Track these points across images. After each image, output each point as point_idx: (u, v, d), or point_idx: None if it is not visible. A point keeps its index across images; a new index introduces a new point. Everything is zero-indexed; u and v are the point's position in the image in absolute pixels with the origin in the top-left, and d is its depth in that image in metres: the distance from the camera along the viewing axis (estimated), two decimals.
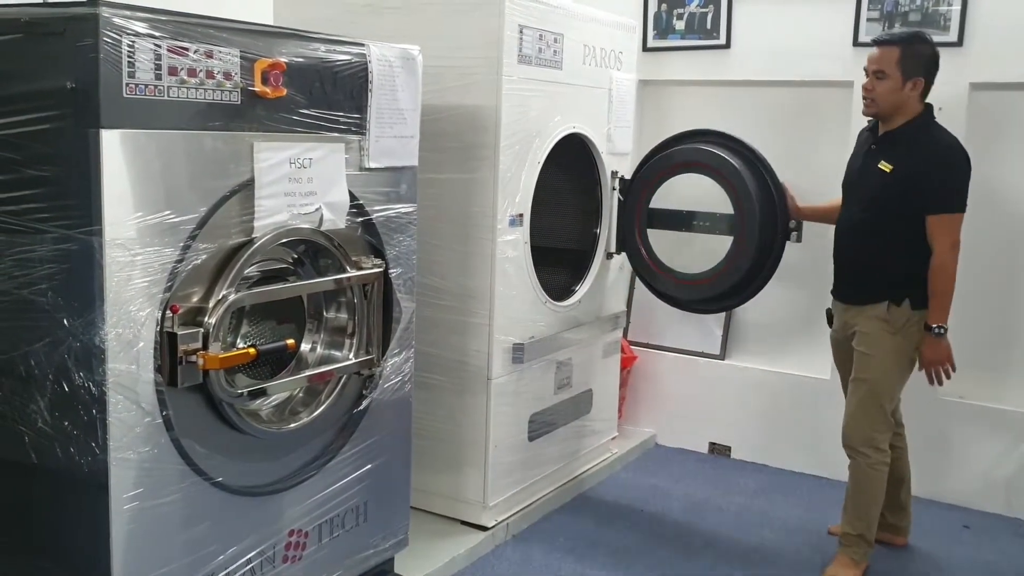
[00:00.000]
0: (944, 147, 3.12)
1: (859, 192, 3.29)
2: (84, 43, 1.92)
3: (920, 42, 3.16)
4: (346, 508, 2.76)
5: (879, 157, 3.19)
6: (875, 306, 3.21)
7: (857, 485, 3.30)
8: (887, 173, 3.15)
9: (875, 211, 3.20)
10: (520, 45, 3.28)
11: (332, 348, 2.72)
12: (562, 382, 3.85)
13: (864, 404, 3.25)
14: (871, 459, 3.25)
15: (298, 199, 2.42)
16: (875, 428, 3.25)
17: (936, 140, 3.14)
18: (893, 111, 3.17)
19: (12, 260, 2.09)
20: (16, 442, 2.16)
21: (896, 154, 3.15)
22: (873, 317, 3.22)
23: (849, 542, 3.34)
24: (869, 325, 3.23)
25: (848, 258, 3.33)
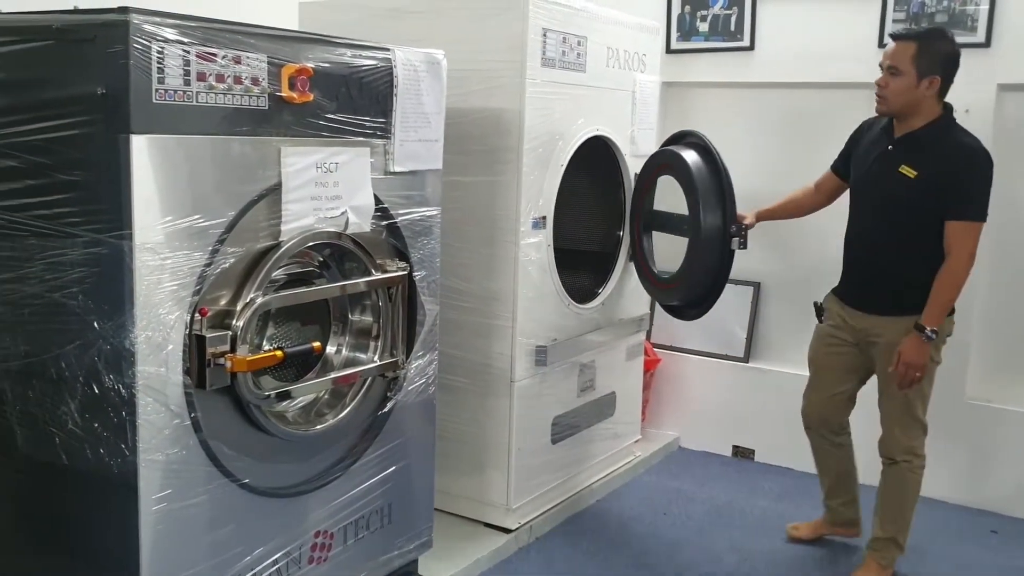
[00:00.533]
0: (970, 152, 3.01)
1: (879, 198, 3.17)
2: (114, 49, 1.94)
3: (939, 39, 3.05)
4: (371, 510, 2.77)
5: (899, 161, 3.08)
6: (904, 318, 3.10)
7: (896, 489, 3.26)
8: (911, 179, 3.04)
9: (901, 219, 3.11)
10: (544, 48, 3.28)
11: (357, 350, 2.74)
12: (585, 385, 3.86)
13: (902, 418, 3.21)
14: (912, 464, 3.23)
15: (324, 203, 2.44)
16: (914, 438, 3.23)
17: (961, 144, 3.03)
18: (906, 110, 3.06)
19: (44, 263, 2.11)
20: (47, 443, 2.19)
21: (919, 158, 3.05)
22: (899, 330, 3.12)
23: (879, 546, 3.32)
24: (894, 337, 3.14)
25: (873, 267, 3.22)
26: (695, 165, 3.51)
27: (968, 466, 4.03)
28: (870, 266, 3.24)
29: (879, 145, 3.19)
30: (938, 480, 4.04)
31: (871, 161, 3.21)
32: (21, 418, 2.23)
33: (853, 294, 3.30)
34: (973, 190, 3.01)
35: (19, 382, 2.21)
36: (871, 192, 3.21)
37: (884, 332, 3.19)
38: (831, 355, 3.38)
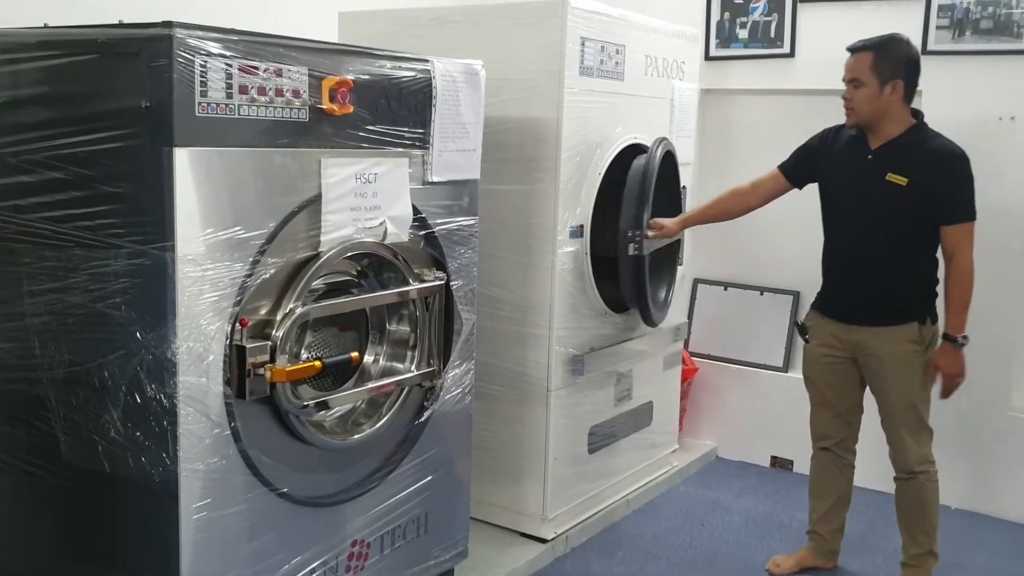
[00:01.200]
0: (955, 156, 3.05)
1: (868, 208, 3.12)
2: (158, 63, 1.97)
3: (896, 44, 3.06)
4: (407, 519, 2.78)
5: (884, 170, 3.06)
6: (906, 327, 3.11)
7: (920, 502, 3.22)
8: (903, 187, 3.03)
9: (893, 227, 3.09)
10: (582, 57, 3.28)
11: (394, 360, 2.75)
12: (622, 394, 3.84)
13: (912, 427, 3.18)
14: (930, 473, 3.20)
15: (363, 213, 2.45)
16: (926, 444, 3.21)
17: (944, 149, 3.07)
18: (875, 119, 3.07)
19: (88, 274, 2.14)
20: (90, 451, 2.21)
21: (906, 166, 3.04)
22: (900, 339, 3.12)
23: (917, 561, 3.27)
24: (895, 347, 3.13)
25: (863, 278, 3.17)
26: (633, 172, 3.50)
27: (1006, 478, 3.96)
28: (863, 278, 3.18)
29: (856, 155, 3.16)
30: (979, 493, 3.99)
31: (850, 172, 3.18)
32: (65, 426, 2.26)
33: (843, 308, 3.24)
34: (964, 192, 3.06)
35: (63, 390, 2.24)
36: (858, 203, 3.16)
37: (882, 343, 3.15)
38: (829, 373, 3.32)
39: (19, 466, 2.38)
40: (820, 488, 3.46)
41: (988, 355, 3.78)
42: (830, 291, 3.30)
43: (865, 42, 3.11)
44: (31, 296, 2.24)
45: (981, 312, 3.27)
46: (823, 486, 3.45)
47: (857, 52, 3.08)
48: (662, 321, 3.84)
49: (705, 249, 4.56)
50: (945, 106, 3.89)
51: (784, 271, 4.42)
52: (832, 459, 3.41)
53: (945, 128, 3.84)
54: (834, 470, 3.41)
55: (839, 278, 3.27)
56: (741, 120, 4.52)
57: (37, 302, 2.24)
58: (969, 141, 3.80)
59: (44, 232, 2.19)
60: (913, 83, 3.08)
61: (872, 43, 3.08)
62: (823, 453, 3.42)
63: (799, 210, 4.27)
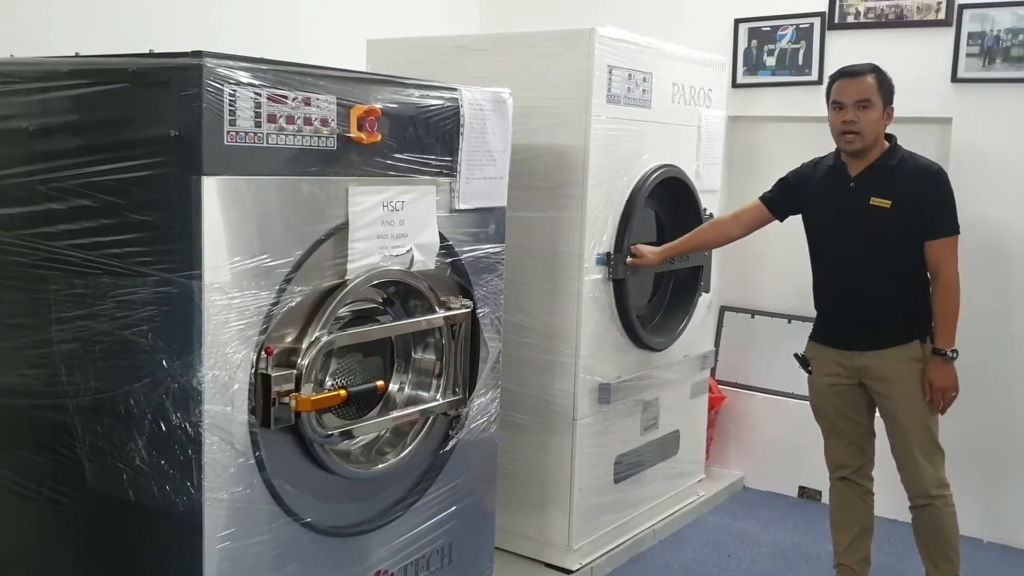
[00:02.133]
0: (934, 172, 3.09)
1: (857, 234, 3.13)
2: (188, 92, 1.98)
3: (884, 71, 3.13)
4: (432, 549, 2.75)
5: (867, 195, 3.08)
6: (906, 347, 3.12)
7: (940, 529, 3.18)
8: (887, 209, 3.05)
9: (884, 250, 3.10)
10: (609, 85, 3.27)
11: (419, 388, 2.74)
12: (649, 423, 3.80)
13: (925, 449, 3.15)
14: (946, 498, 3.17)
15: (390, 241, 2.45)
16: (938, 466, 3.17)
17: (923, 166, 3.10)
18: (873, 143, 3.09)
19: (115, 301, 2.14)
20: (115, 479, 2.21)
21: (888, 189, 3.07)
22: (905, 359, 3.12)
23: None
24: (901, 368, 3.12)
25: (862, 304, 3.16)
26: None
27: None
28: (859, 303, 3.18)
29: (837, 184, 3.17)
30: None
31: (837, 204, 3.17)
32: (90, 453, 2.25)
33: (844, 336, 3.23)
34: (945, 207, 3.07)
35: (89, 417, 2.24)
36: (844, 231, 3.16)
37: (886, 366, 3.15)
38: (838, 401, 3.29)
39: (44, 493, 2.38)
40: (842, 519, 3.41)
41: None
42: (827, 320, 3.30)
43: (865, 66, 3.13)
44: (58, 323, 2.25)
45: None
46: (845, 517, 3.40)
47: (863, 75, 3.08)
48: (666, 347, 3.79)
49: (732, 277, 4.53)
50: (975, 134, 3.86)
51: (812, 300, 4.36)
52: (851, 488, 3.37)
53: (976, 157, 3.83)
54: (854, 499, 3.37)
55: (835, 306, 3.26)
56: (768, 147, 4.49)
57: (64, 329, 2.24)
58: (1000, 168, 3.78)
59: (72, 259, 2.20)
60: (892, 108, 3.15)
61: (871, 67, 3.12)
62: (842, 483, 3.39)
63: None
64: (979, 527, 3.98)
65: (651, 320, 3.83)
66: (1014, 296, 3.85)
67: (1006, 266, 3.85)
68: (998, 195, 3.78)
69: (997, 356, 3.89)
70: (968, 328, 3.43)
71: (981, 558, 3.83)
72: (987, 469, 3.95)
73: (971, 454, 3.88)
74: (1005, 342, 3.87)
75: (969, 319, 3.39)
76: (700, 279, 3.95)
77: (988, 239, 3.56)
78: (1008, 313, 3.87)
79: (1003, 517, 3.97)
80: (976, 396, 3.88)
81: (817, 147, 4.33)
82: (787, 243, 4.45)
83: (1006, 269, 3.85)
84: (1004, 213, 3.81)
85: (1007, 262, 3.85)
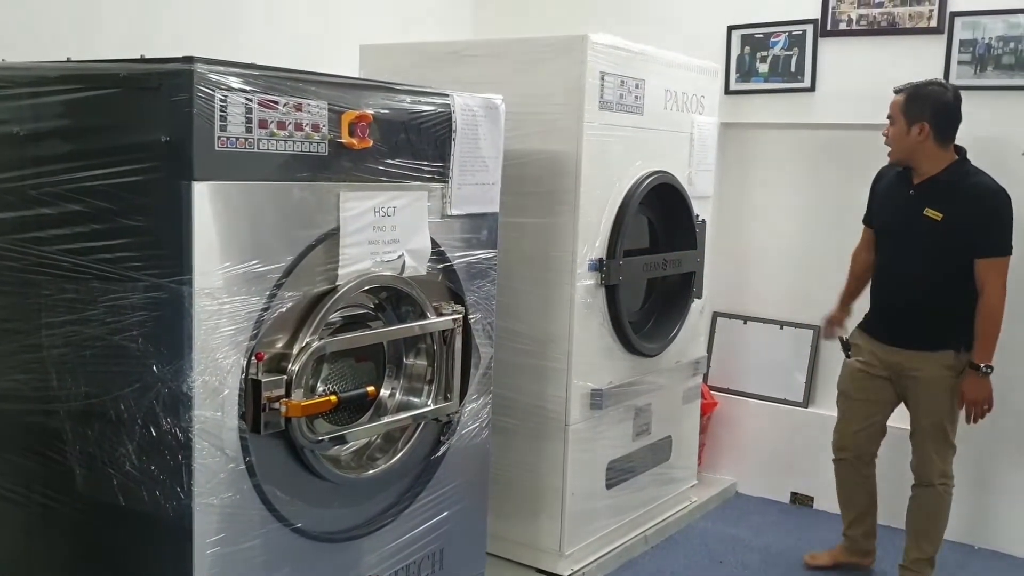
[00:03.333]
0: (990, 192, 3.22)
1: (907, 240, 3.34)
2: (179, 98, 1.97)
3: (926, 88, 3.27)
4: (423, 555, 2.75)
5: (922, 205, 3.27)
6: (942, 353, 3.31)
7: (933, 511, 3.43)
8: (938, 221, 3.23)
9: (931, 259, 3.29)
10: (602, 91, 3.28)
11: (411, 394, 2.73)
12: (641, 429, 3.80)
13: (938, 444, 3.38)
14: (948, 487, 3.41)
15: (381, 247, 2.45)
16: (948, 461, 3.42)
17: (980, 185, 3.24)
18: (907, 155, 3.29)
19: (106, 307, 2.14)
20: (105, 484, 2.20)
21: (942, 201, 3.24)
22: (938, 364, 3.32)
23: (917, 566, 3.46)
24: (934, 371, 3.32)
25: (905, 306, 3.38)
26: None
27: None
28: (903, 304, 3.39)
29: (900, 191, 3.39)
30: None
31: (895, 207, 3.42)
32: (80, 458, 2.25)
33: (886, 331, 3.45)
34: (996, 227, 3.24)
35: (79, 423, 2.24)
36: (899, 236, 3.38)
37: (921, 366, 3.35)
38: (863, 388, 3.52)
39: (35, 498, 2.37)
40: (845, 499, 3.70)
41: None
42: (875, 314, 3.53)
43: (904, 85, 3.35)
44: (49, 328, 2.25)
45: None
46: (847, 497, 3.68)
47: (897, 93, 3.33)
48: (658, 353, 3.80)
49: (724, 282, 4.54)
50: (967, 141, 3.85)
51: (804, 306, 4.38)
52: (850, 470, 3.63)
53: None
54: (855, 480, 3.63)
55: (882, 302, 3.50)
56: (761, 154, 4.50)
57: (55, 334, 2.24)
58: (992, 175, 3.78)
59: (63, 264, 2.19)
60: (943, 126, 3.26)
61: (907, 86, 3.33)
62: (842, 464, 3.65)
63: (819, 245, 4.27)
64: (970, 533, 3.99)
65: (643, 326, 3.83)
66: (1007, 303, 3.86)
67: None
68: None
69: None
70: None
71: (972, 564, 3.84)
72: (977, 476, 3.95)
73: (962, 461, 3.89)
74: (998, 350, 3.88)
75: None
76: (692, 285, 3.96)
77: None
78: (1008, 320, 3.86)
79: (993, 523, 3.98)
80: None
81: (809, 154, 4.38)
82: (779, 249, 4.49)
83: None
84: None
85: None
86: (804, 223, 4.38)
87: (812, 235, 4.36)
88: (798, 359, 4.46)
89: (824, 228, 4.31)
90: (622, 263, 3.47)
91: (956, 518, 3.61)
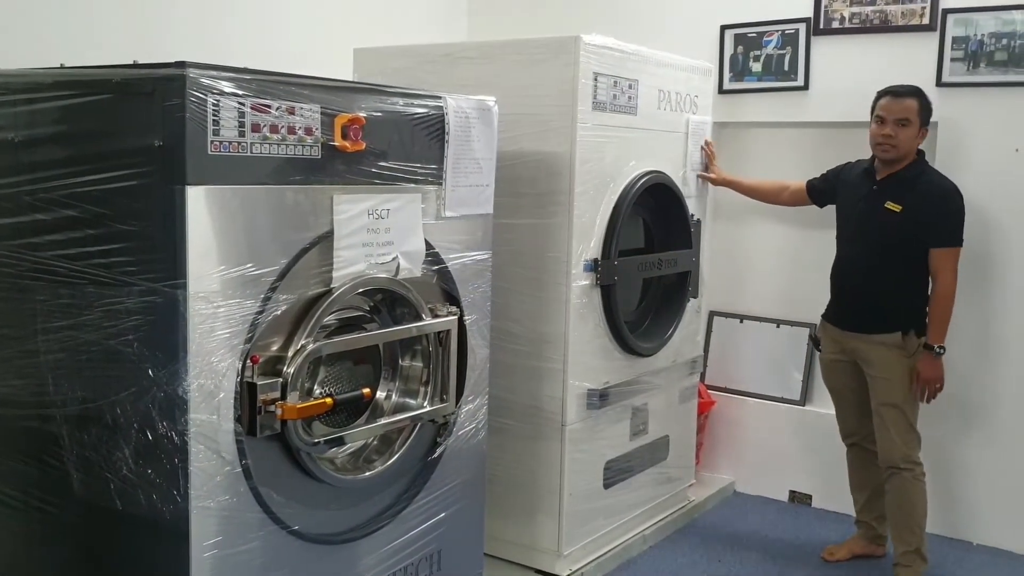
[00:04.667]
0: (946, 188, 3.43)
1: (866, 230, 3.53)
2: (171, 103, 1.98)
3: (920, 91, 3.47)
4: (420, 556, 2.76)
5: (884, 198, 3.46)
6: (889, 335, 3.47)
7: (904, 500, 3.50)
8: (896, 213, 3.42)
9: (886, 248, 3.46)
10: (595, 92, 3.29)
11: (407, 396, 2.74)
12: (638, 428, 3.81)
13: (898, 425, 3.49)
14: (914, 471, 3.50)
15: (376, 249, 2.46)
16: (910, 445, 3.51)
17: (937, 182, 3.46)
18: (905, 156, 3.46)
19: (101, 311, 2.15)
20: (102, 488, 2.21)
21: (902, 196, 3.43)
22: (887, 345, 3.47)
23: (907, 560, 3.50)
24: (881, 352, 3.49)
25: (859, 291, 3.56)
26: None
27: None
28: (860, 291, 3.56)
29: (864, 186, 3.57)
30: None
31: (858, 199, 3.57)
32: (77, 463, 2.26)
33: (844, 317, 3.63)
34: (951, 221, 3.44)
35: (76, 427, 2.25)
36: (860, 226, 3.56)
37: (871, 349, 3.52)
38: (842, 377, 3.69)
39: (32, 503, 2.38)
40: (857, 481, 3.80)
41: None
42: (834, 301, 3.69)
43: (909, 88, 3.48)
44: (45, 333, 2.26)
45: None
46: (859, 479, 3.79)
47: (906, 96, 3.44)
48: (654, 353, 3.81)
49: (720, 281, 4.55)
50: (960, 138, 3.88)
51: (800, 304, 4.39)
52: (860, 452, 3.73)
53: (961, 160, 3.85)
54: (865, 463, 3.71)
55: (839, 289, 3.66)
56: (755, 153, 4.51)
57: (51, 339, 2.25)
58: (984, 172, 3.81)
59: (58, 269, 2.21)
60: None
61: (915, 90, 3.46)
62: (852, 449, 3.77)
63: (815, 243, 4.28)
64: (968, 530, 4.00)
65: (640, 325, 3.84)
66: (998, 298, 3.88)
67: (990, 267, 3.88)
68: (982, 197, 3.79)
69: (982, 361, 3.91)
70: (954, 332, 3.48)
71: (971, 560, 3.85)
72: (975, 473, 3.96)
73: (959, 459, 3.91)
74: (991, 345, 3.90)
75: (954, 322, 3.45)
76: (688, 284, 3.96)
77: (971, 241, 3.57)
78: (993, 315, 3.90)
79: (992, 520, 3.98)
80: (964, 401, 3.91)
81: (804, 152, 4.39)
82: (774, 247, 4.50)
83: (990, 270, 3.88)
84: (988, 215, 3.83)
85: (990, 262, 3.88)
86: (798, 221, 4.39)
87: (807, 233, 4.37)
88: (795, 357, 4.46)
89: (818, 226, 4.31)
90: (617, 263, 3.48)
91: (952, 514, 3.63)
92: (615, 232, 3.45)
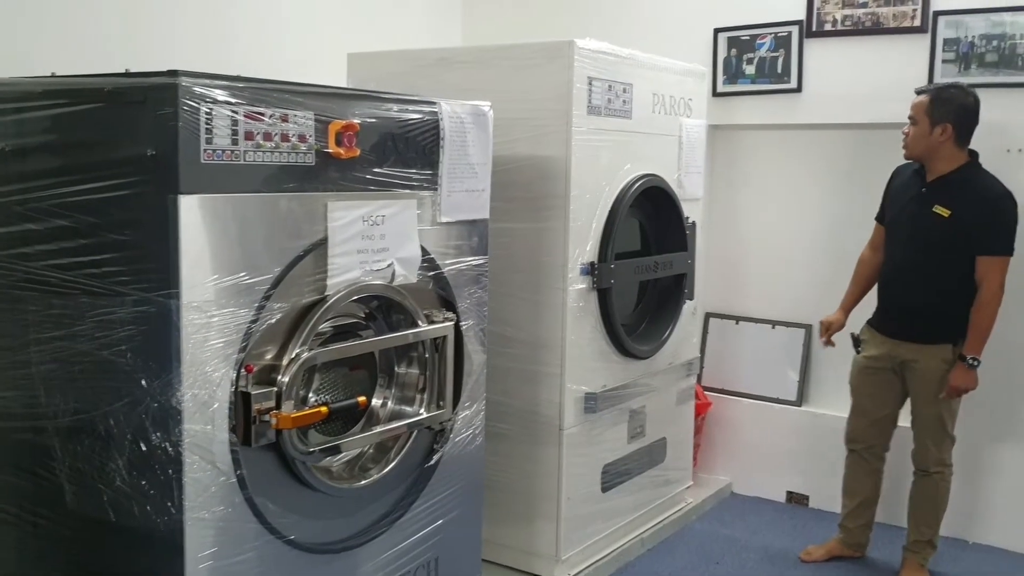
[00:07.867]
0: (997, 194, 3.33)
1: (914, 235, 3.45)
2: (164, 111, 1.97)
3: (951, 91, 3.37)
4: (417, 564, 2.74)
5: (932, 202, 3.37)
6: (941, 347, 3.42)
7: (931, 497, 3.55)
8: (945, 218, 3.34)
9: (935, 254, 3.39)
10: (589, 96, 3.28)
11: (403, 403, 2.73)
12: (635, 431, 3.80)
13: (936, 434, 3.49)
14: (944, 474, 3.53)
15: (371, 256, 2.44)
16: (946, 450, 3.53)
17: (988, 187, 3.35)
18: (925, 155, 3.39)
19: (94, 321, 2.13)
20: (95, 500, 2.19)
21: (951, 199, 3.34)
22: (937, 358, 3.42)
23: (918, 548, 3.58)
24: (932, 363, 3.43)
25: (907, 298, 3.49)
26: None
27: None
28: (908, 298, 3.50)
29: (912, 188, 3.49)
30: None
31: (906, 202, 3.50)
32: (70, 474, 2.24)
33: (890, 324, 3.55)
34: (1000, 228, 3.34)
35: (69, 438, 2.23)
36: (907, 230, 3.49)
37: (920, 358, 3.46)
38: (872, 383, 3.62)
39: (25, 516, 2.36)
40: (849, 487, 3.79)
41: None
42: (881, 308, 3.62)
43: (928, 86, 3.48)
44: (37, 344, 2.24)
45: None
46: (852, 485, 3.77)
47: (920, 94, 3.41)
48: (651, 355, 3.80)
49: (716, 283, 4.54)
50: None
51: (795, 305, 4.39)
52: (859, 461, 3.72)
53: None
54: (862, 471, 3.72)
55: (889, 296, 3.59)
56: (749, 155, 4.51)
57: (43, 350, 2.23)
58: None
59: (50, 280, 2.19)
60: (964, 128, 3.37)
61: (931, 88, 3.44)
62: (852, 455, 3.75)
63: (809, 244, 4.28)
64: (964, 529, 3.99)
65: (636, 328, 3.83)
66: (1006, 301, 3.87)
67: None
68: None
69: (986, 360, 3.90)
70: None
71: (966, 559, 3.85)
72: (971, 471, 3.96)
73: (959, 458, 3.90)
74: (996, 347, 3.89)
75: None
76: (684, 286, 3.96)
77: None
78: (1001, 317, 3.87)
79: (987, 518, 3.98)
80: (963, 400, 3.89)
81: (797, 154, 4.38)
82: (769, 249, 4.49)
83: None
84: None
85: None
86: (793, 222, 4.39)
87: (801, 234, 4.37)
88: (791, 358, 4.46)
89: (813, 226, 4.32)
90: (613, 266, 3.47)
91: (950, 514, 3.63)
92: (611, 235, 3.44)
